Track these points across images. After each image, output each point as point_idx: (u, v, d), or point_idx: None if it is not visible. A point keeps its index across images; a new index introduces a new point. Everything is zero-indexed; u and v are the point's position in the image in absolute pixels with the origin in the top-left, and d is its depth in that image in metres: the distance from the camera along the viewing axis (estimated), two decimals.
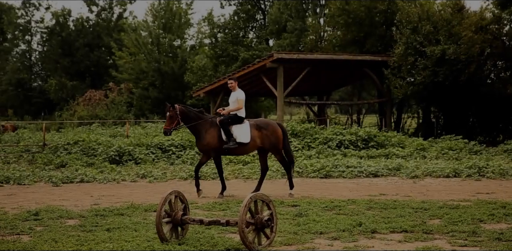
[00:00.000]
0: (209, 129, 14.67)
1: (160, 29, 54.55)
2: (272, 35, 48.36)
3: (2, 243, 9.05)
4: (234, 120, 14.80)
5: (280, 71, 31.30)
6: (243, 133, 14.68)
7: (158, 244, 8.63)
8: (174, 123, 14.49)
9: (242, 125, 14.78)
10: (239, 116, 14.90)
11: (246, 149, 15.05)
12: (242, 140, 14.64)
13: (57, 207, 12.79)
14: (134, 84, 52.24)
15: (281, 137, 15.18)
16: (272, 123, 15.45)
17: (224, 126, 14.61)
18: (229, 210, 12.29)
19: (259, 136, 14.90)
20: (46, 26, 67.13)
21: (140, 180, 19.20)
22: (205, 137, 14.64)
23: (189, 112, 14.65)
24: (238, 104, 14.96)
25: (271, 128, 15.09)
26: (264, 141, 14.94)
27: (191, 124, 14.64)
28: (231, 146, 14.57)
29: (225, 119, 14.72)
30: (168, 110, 14.49)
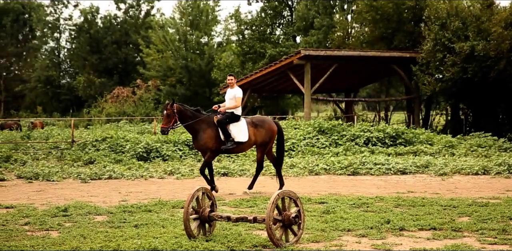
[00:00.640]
0: (207, 129, 14.37)
1: (188, 26, 54.70)
2: (299, 32, 48.26)
3: (32, 238, 9.13)
4: (232, 118, 14.52)
5: (307, 68, 31.25)
6: (241, 132, 14.44)
7: (186, 240, 8.64)
8: (171, 121, 14.24)
9: (239, 123, 14.53)
10: (236, 114, 14.62)
11: (242, 148, 14.84)
12: (240, 139, 14.42)
13: (86, 203, 12.87)
14: (162, 81, 52.46)
15: (275, 135, 15.02)
16: (268, 120, 15.24)
17: (222, 126, 14.34)
18: (256, 207, 12.28)
19: (255, 133, 14.72)
20: (74, 24, 67.66)
21: (167, 176, 19.26)
22: (203, 137, 14.32)
23: (186, 111, 14.39)
24: (236, 102, 14.63)
25: (267, 125, 14.92)
26: (257, 138, 14.75)
27: (188, 123, 14.38)
28: (229, 147, 14.36)
29: (223, 118, 14.43)
30: (166, 108, 14.27)
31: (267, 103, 48.83)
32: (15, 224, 10.49)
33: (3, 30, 71.11)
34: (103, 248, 8.10)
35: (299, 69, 32.42)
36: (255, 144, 14.91)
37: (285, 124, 27.43)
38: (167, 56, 54.07)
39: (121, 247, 8.08)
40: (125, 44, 64.55)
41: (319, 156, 22.47)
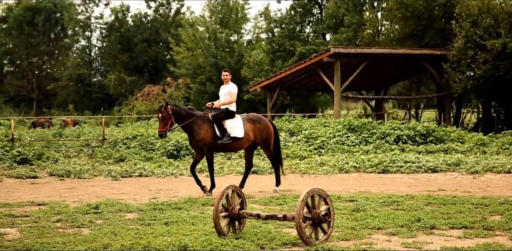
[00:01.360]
0: (202, 125, 14.21)
1: (217, 24, 54.82)
2: (329, 30, 48.12)
3: (64, 235, 9.22)
4: (227, 114, 14.37)
5: (337, 66, 31.16)
6: (237, 128, 14.30)
7: (216, 238, 8.67)
8: (168, 124, 14.00)
9: (234, 120, 14.40)
10: (231, 110, 14.49)
11: (240, 144, 14.60)
12: (236, 134, 14.26)
13: (117, 200, 12.97)
14: (192, 79, 52.63)
15: (273, 132, 14.93)
16: (263, 118, 15.13)
17: (217, 121, 14.19)
18: (286, 204, 12.28)
19: (252, 129, 14.58)
20: (105, 22, 68.20)
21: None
22: (199, 133, 14.15)
23: (180, 111, 14.19)
24: (231, 97, 14.51)
25: (264, 122, 14.84)
26: (257, 135, 14.64)
27: (184, 123, 14.18)
28: (225, 142, 14.13)
29: (218, 113, 14.29)
30: (160, 111, 14.03)
31: (296, 101, 48.77)
32: (47, 221, 10.61)
33: (36, 29, 71.89)
34: (133, 245, 8.15)
35: (329, 67, 32.34)
36: (253, 142, 14.73)
37: (315, 122, 27.38)
38: (197, 54, 54.24)
39: (152, 245, 8.12)
40: (155, 42, 64.86)
41: (349, 154, 22.41)
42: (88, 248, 8.20)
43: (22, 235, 9.34)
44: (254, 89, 39.91)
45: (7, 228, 10.02)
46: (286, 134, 25.51)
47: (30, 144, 23.82)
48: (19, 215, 11.21)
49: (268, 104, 39.26)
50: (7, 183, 17.38)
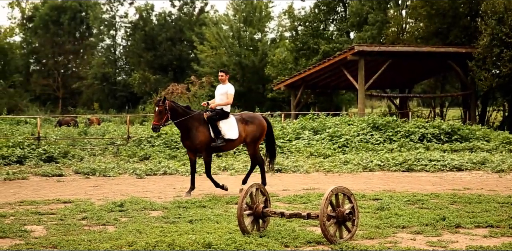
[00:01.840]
0: (199, 127, 13.97)
1: (241, 23, 54.87)
2: (353, 28, 47.97)
3: (89, 233, 9.30)
4: (222, 115, 14.15)
5: (361, 64, 31.08)
6: (231, 129, 14.10)
7: (240, 236, 8.69)
8: (163, 118, 13.78)
9: (228, 120, 14.18)
10: (226, 111, 14.26)
11: (233, 145, 14.56)
12: (230, 136, 14.09)
13: (141, 198, 13.04)
14: (215, 77, 52.64)
15: (265, 131, 14.76)
16: (258, 116, 14.95)
17: (212, 123, 13.98)
18: (310, 203, 12.27)
19: (245, 130, 14.39)
20: (130, 21, 68.53)
21: (221, 172, 19.37)
22: (197, 136, 13.92)
23: (177, 108, 13.97)
24: (228, 98, 14.28)
25: (258, 121, 14.63)
26: (248, 135, 14.46)
27: (179, 120, 13.96)
28: (219, 144, 13.96)
29: (213, 115, 14.04)
30: (158, 105, 13.84)
31: (320, 100, 48.69)
32: (73, 218, 10.70)
33: (61, 28, 72.45)
34: (158, 243, 8.19)
35: (353, 65, 32.25)
36: (244, 141, 14.62)
37: (339, 120, 27.31)
38: (221, 52, 54.33)
39: (176, 242, 8.16)
40: (180, 41, 65.06)
41: (373, 152, 22.33)
42: (113, 246, 8.26)
43: (48, 232, 9.44)
44: (278, 87, 39.90)
45: (33, 225, 10.12)
46: (310, 132, 25.46)
47: (56, 143, 24.01)
48: (45, 213, 11.32)
49: (292, 103, 39.25)
50: (34, 181, 17.54)
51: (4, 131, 27.78)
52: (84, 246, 8.28)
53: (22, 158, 21.68)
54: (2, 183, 17.06)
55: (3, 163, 21.10)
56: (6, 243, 8.67)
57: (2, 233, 9.28)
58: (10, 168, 20.19)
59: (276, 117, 33.63)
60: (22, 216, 11.00)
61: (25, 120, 38.07)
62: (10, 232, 9.36)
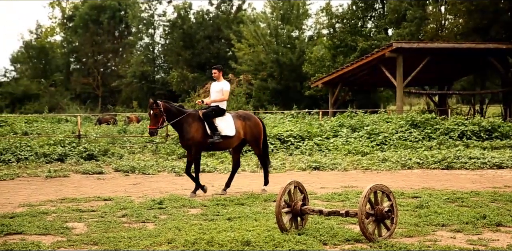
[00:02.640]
0: (192, 123, 13.67)
1: (279, 20, 54.82)
2: (391, 25, 47.59)
3: (129, 230, 9.40)
4: (217, 112, 13.94)
5: (399, 61, 30.87)
6: (228, 126, 13.87)
7: (278, 233, 8.71)
8: (159, 121, 13.48)
9: (224, 117, 13.97)
10: (221, 108, 14.05)
11: (230, 143, 14.15)
12: (227, 133, 13.82)
13: (180, 196, 13.14)
14: (253, 75, 52.78)
15: (262, 130, 14.54)
16: (253, 115, 14.71)
17: (208, 119, 13.74)
18: (348, 201, 12.25)
19: (243, 127, 14.17)
20: (168, 20, 68.86)
21: (259, 170, 19.40)
22: (189, 131, 13.62)
23: (171, 108, 13.66)
24: (224, 95, 14.07)
25: (254, 119, 14.42)
26: (247, 132, 14.23)
27: (175, 121, 13.63)
28: (216, 141, 13.66)
29: (209, 111, 13.85)
30: (152, 108, 13.44)
31: (358, 97, 48.48)
32: (113, 216, 10.82)
33: (101, 27, 73.17)
34: (197, 240, 8.24)
35: (391, 62, 32.04)
36: (243, 140, 14.34)
37: (377, 117, 27.20)
38: (258, 50, 54.36)
39: (215, 240, 8.21)
40: (217, 39, 65.24)
41: (412, 150, 22.19)
42: (152, 243, 8.34)
43: (89, 229, 9.56)
44: (315, 85, 39.81)
45: (74, 222, 10.26)
46: (347, 130, 25.39)
47: (96, 141, 24.30)
48: (86, 210, 11.48)
49: (329, 100, 39.14)
50: (74, 178, 17.78)
51: (45, 130, 28.17)
52: (124, 243, 8.38)
53: (63, 156, 22.00)
54: (44, 180, 17.33)
55: (44, 161, 21.44)
56: (48, 240, 8.81)
57: (44, 230, 9.43)
58: (51, 166, 20.49)
59: (314, 114, 33.58)
60: (64, 213, 11.16)
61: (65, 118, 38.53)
62: (52, 229, 9.50)
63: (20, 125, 28.77)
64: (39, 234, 9.27)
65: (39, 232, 9.34)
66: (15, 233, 9.34)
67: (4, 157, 21.38)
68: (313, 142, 23.91)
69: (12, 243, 8.47)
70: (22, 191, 14.98)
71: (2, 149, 21.93)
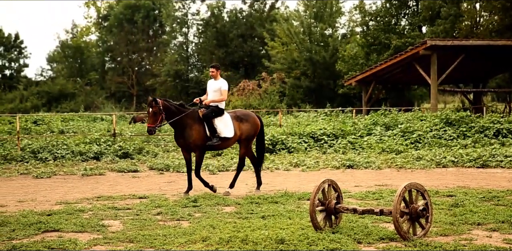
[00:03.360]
0: (194, 125, 13.41)
1: (312, 19, 54.70)
2: (425, 22, 47.23)
3: (164, 228, 9.49)
4: (217, 112, 13.66)
5: (433, 59, 30.65)
6: (226, 127, 13.59)
7: (312, 232, 8.73)
8: (158, 120, 13.16)
9: (223, 118, 13.69)
10: (220, 107, 13.81)
11: (228, 144, 13.97)
12: (226, 134, 13.58)
13: (214, 194, 13.22)
14: (286, 73, 52.73)
15: (259, 129, 14.25)
16: (252, 114, 14.40)
17: (208, 120, 13.49)
18: (382, 199, 12.22)
19: (240, 128, 13.90)
20: (201, 18, 69.02)
21: (293, 168, 19.43)
22: (191, 134, 13.35)
23: (171, 107, 13.36)
24: (223, 95, 13.87)
25: (252, 119, 14.14)
26: (243, 133, 13.96)
27: (174, 120, 13.35)
28: (215, 143, 13.48)
29: (209, 112, 13.55)
30: (151, 106, 13.14)
31: (392, 95, 48.21)
32: (148, 214, 10.92)
33: (135, 27, 73.66)
34: (231, 238, 8.29)
35: (425, 60, 31.82)
36: (239, 139, 14.08)
37: (411, 115, 27.06)
38: (291, 48, 54.29)
39: (249, 238, 8.25)
40: (251, 37, 65.26)
41: (447, 148, 22.03)
42: (187, 241, 8.42)
43: (125, 227, 9.67)
44: (349, 83, 39.69)
45: (110, 220, 10.39)
46: (381, 128, 25.30)
47: (131, 139, 24.50)
48: (122, 208, 11.60)
49: (363, 98, 39.01)
50: (110, 176, 17.96)
51: (81, 128, 28.49)
52: (160, 241, 8.46)
53: (98, 154, 22.23)
54: (80, 178, 17.53)
55: (80, 159, 21.69)
56: (84, 237, 8.93)
57: (80, 228, 9.56)
58: (87, 164, 20.73)
59: (347, 113, 33.49)
60: (100, 211, 11.29)
61: (101, 117, 38.90)
62: (88, 227, 9.63)
63: (56, 124, 29.13)
64: (76, 231, 9.40)
65: (75, 229, 9.47)
66: (53, 230, 9.49)
67: (41, 155, 21.68)
68: (347, 141, 23.86)
69: (49, 240, 8.61)
70: (59, 189, 15.19)
71: (39, 147, 22.25)
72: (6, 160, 21.37)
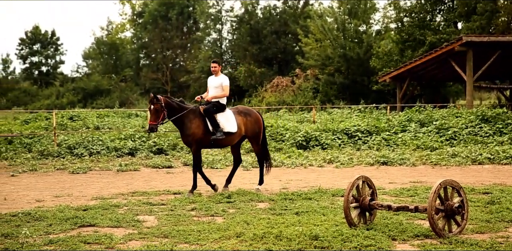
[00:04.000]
0: (194, 119, 13.14)
1: (346, 15, 54.44)
2: (461, 18, 46.72)
3: (198, 223, 9.54)
4: (219, 108, 13.43)
5: (469, 55, 30.35)
6: (229, 122, 13.35)
7: (346, 228, 8.72)
8: (160, 117, 12.91)
9: (225, 113, 13.45)
10: (222, 103, 13.55)
11: (232, 139, 13.64)
12: (229, 129, 13.30)
13: (248, 190, 13.26)
14: (320, 70, 52.57)
15: (262, 126, 14.07)
16: (253, 110, 14.17)
17: (209, 115, 13.22)
18: (417, 196, 12.15)
19: (244, 123, 13.67)
20: (235, 15, 69.14)
21: (326, 165, 19.40)
22: (189, 127, 13.10)
23: (173, 103, 13.10)
24: (224, 90, 13.53)
25: (254, 115, 13.93)
26: (248, 128, 13.75)
27: (175, 117, 13.10)
28: (219, 137, 13.16)
29: (210, 107, 13.28)
30: (153, 103, 12.88)
31: (426, 91, 47.82)
32: (183, 209, 11.00)
33: (170, 23, 73.99)
34: (266, 234, 8.31)
35: (461, 56, 31.51)
36: (244, 136, 13.88)
37: (446, 112, 26.84)
38: (325, 45, 54.11)
39: (283, 234, 8.26)
40: (284, 34, 65.17)
41: (482, 145, 21.82)
42: (221, 236, 8.45)
43: (160, 222, 9.74)
44: (383, 79, 39.48)
45: (145, 215, 10.47)
46: (416, 124, 25.14)
47: (165, 135, 24.64)
48: (156, 203, 11.69)
49: (397, 95, 38.78)
50: (144, 172, 18.10)
51: (116, 124, 28.71)
52: (194, 236, 8.51)
53: (133, 150, 22.41)
54: (115, 174, 17.69)
55: (115, 155, 21.88)
56: (120, 232, 9.01)
57: (116, 223, 9.66)
58: (122, 160, 20.91)
59: (382, 109, 33.32)
60: (135, 206, 11.39)
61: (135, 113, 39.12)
62: (123, 222, 9.72)
63: (92, 120, 29.39)
64: (111, 226, 9.49)
65: (111, 224, 9.57)
66: (88, 225, 9.60)
67: (77, 151, 21.92)
68: (381, 137, 23.75)
69: (85, 235, 8.71)
70: (95, 184, 15.34)
71: (75, 143, 22.50)
72: (43, 156, 21.66)
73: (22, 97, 67.40)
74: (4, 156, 21.73)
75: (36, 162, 20.36)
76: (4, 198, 12.84)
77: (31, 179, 16.52)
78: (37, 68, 79.87)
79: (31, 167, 18.79)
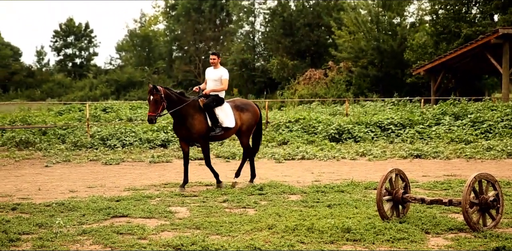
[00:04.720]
0: (195, 115, 12.86)
1: (380, 7, 54.04)
2: (497, 10, 46.08)
3: (230, 215, 9.54)
4: (218, 102, 13.13)
5: (506, 48, 29.97)
6: (228, 117, 13.10)
7: (379, 221, 8.65)
8: (159, 108, 12.52)
9: (223, 107, 13.16)
10: (221, 97, 13.28)
11: (229, 134, 13.46)
12: (228, 124, 13.07)
13: (280, 182, 13.22)
14: (353, 62, 52.29)
15: (258, 119, 13.80)
16: (252, 103, 13.92)
17: (209, 110, 12.97)
18: (451, 189, 12.03)
19: (241, 118, 13.43)
20: (268, 7, 68.96)
21: (359, 158, 19.29)
22: (194, 124, 12.79)
23: (172, 95, 12.73)
24: (223, 84, 13.31)
25: (252, 109, 13.68)
26: (244, 123, 13.50)
27: (175, 109, 12.72)
28: (218, 134, 13.00)
29: (210, 101, 12.99)
30: (152, 94, 12.50)
31: (461, 84, 47.33)
32: (214, 201, 11.01)
33: (202, 16, 74.11)
34: (297, 226, 8.29)
35: (497, 49, 31.11)
36: (239, 130, 13.58)
37: (481, 105, 26.53)
38: (358, 37, 53.78)
39: (315, 226, 8.23)
40: (317, 26, 64.88)
41: None
42: (253, 228, 8.44)
43: (192, 214, 9.76)
44: (417, 72, 39.16)
45: (177, 207, 10.50)
46: (450, 118, 24.89)
47: None
48: (189, 195, 11.72)
49: (431, 88, 38.45)
50: (177, 164, 18.16)
51: None
52: (226, 228, 8.50)
53: (165, 141, 22.51)
54: (148, 165, 17.78)
55: (148, 147, 21.99)
56: (152, 223, 9.04)
57: (148, 214, 9.69)
58: (154, 151, 21.01)
59: (415, 102, 33.06)
60: (167, 197, 11.43)
61: None
62: (156, 213, 9.75)
63: (125, 112, 29.57)
64: (144, 217, 9.53)
65: (143, 215, 9.61)
66: (121, 216, 9.65)
67: (110, 142, 22.08)
68: (414, 130, 23.57)
69: (118, 225, 8.75)
70: (127, 175, 15.43)
71: (108, 134, 22.65)
72: (76, 147, 21.85)
73: (56, 89, 68.09)
74: (38, 147, 21.97)
75: (70, 153, 20.54)
76: (38, 189, 12.97)
77: (64, 170, 16.66)
78: (71, 60, 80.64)
79: (64, 158, 18.97)
